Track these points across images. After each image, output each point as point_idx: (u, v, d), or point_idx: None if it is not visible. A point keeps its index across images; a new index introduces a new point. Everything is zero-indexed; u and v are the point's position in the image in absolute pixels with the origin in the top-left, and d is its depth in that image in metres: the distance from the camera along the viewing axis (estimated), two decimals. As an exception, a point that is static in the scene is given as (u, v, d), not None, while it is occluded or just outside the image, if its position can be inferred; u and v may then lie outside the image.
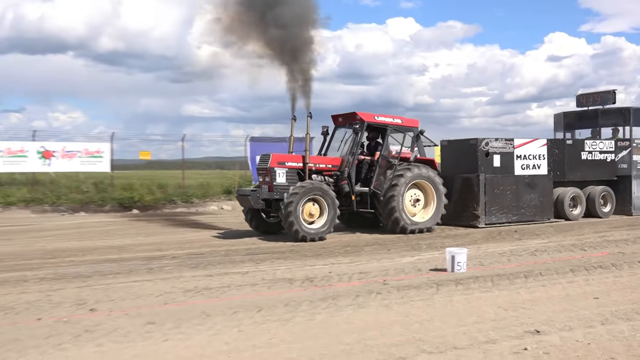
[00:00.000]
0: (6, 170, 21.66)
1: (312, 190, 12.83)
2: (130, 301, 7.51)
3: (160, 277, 9.09)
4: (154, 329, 6.18)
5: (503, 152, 15.70)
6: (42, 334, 6.05)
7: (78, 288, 8.31)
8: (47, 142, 21.93)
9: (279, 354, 5.36)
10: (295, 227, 12.50)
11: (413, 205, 14.09)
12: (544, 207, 16.21)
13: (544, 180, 16.25)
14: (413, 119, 14.92)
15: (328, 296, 7.65)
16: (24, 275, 9.24)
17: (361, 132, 14.00)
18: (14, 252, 11.95)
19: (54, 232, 15.48)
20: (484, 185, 15.02)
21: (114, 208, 21.17)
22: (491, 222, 15.18)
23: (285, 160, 13.70)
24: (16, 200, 20.56)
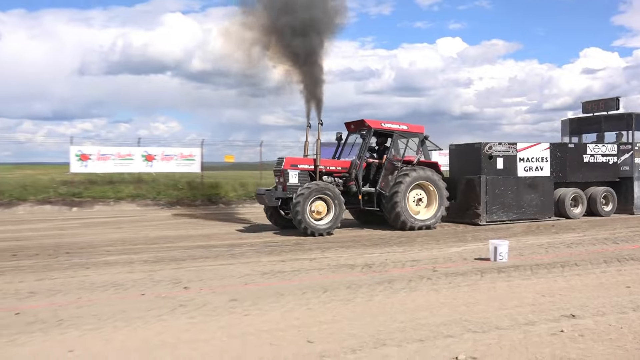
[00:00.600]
0: (117, 170, 22.50)
1: (319, 190, 12.53)
2: (216, 281, 7.68)
3: (242, 261, 9.24)
4: (236, 305, 6.30)
5: (506, 155, 14.96)
6: (145, 307, 6.27)
7: (174, 269, 8.56)
8: (150, 148, 22.66)
9: (342, 329, 5.36)
10: (303, 223, 12.25)
11: (416, 204, 13.61)
12: (545, 206, 15.32)
13: (545, 181, 15.35)
14: (419, 126, 14.38)
15: (384, 280, 7.60)
16: (130, 258, 9.59)
17: (368, 138, 13.65)
18: (123, 238, 12.42)
19: (154, 223, 15.97)
20: (485, 186, 14.35)
21: (203, 203, 21.63)
22: (492, 219, 14.47)
23: (297, 163, 13.43)
24: (125, 196, 21.31)
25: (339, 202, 12.67)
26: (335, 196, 12.66)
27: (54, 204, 19.95)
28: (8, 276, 8.03)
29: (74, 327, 5.49)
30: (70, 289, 7.20)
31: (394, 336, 5.14)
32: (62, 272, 8.32)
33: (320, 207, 12.55)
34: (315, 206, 12.49)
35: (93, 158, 21.39)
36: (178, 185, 22.93)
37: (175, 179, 23.74)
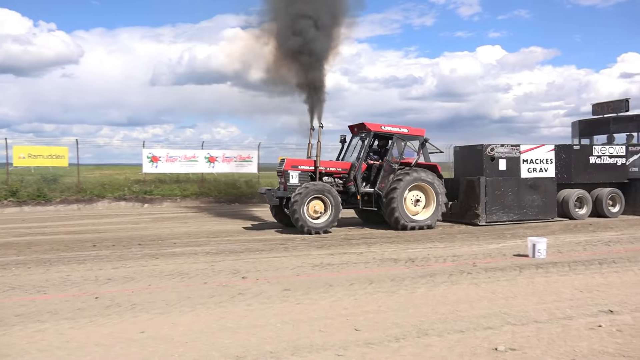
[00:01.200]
0: (183, 171, 23.07)
1: (316, 190, 12.11)
2: (271, 272, 7.76)
3: (294, 254, 9.30)
4: (289, 295, 6.34)
5: (509, 156, 14.12)
6: (207, 294, 6.40)
7: (233, 261, 8.70)
8: (212, 150, 23.13)
9: (386, 319, 5.31)
10: (301, 222, 11.89)
11: (414, 205, 12.94)
12: (547, 207, 14.34)
13: (547, 182, 14.37)
14: (419, 129, 13.70)
15: (426, 274, 7.49)
16: (194, 250, 9.81)
17: (368, 140, 13.18)
18: (188, 232, 12.73)
19: (216, 218, 16.28)
20: (484, 187, 13.54)
21: (260, 200, 21.92)
22: (492, 220, 13.63)
23: (298, 164, 13.05)
24: (190, 194, 21.83)
25: (336, 201, 12.22)
26: (332, 196, 12.23)
27: (128, 200, 20.64)
28: (89, 264, 8.37)
29: (145, 311, 5.66)
30: (142, 276, 7.43)
31: (435, 326, 5.06)
32: (135, 262, 8.60)
33: (317, 206, 12.16)
34: (313, 205, 12.10)
35: (162, 160, 22.02)
36: (237, 184, 23.30)
37: (234, 179, 24.13)
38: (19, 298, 6.25)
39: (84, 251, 9.69)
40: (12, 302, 6.04)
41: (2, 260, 8.73)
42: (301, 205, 11.89)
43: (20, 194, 19.42)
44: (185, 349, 4.47)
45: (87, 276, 7.47)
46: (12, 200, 19.06)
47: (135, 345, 4.57)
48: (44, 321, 5.29)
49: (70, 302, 6.02)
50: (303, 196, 11.93)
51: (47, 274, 7.66)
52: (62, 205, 19.61)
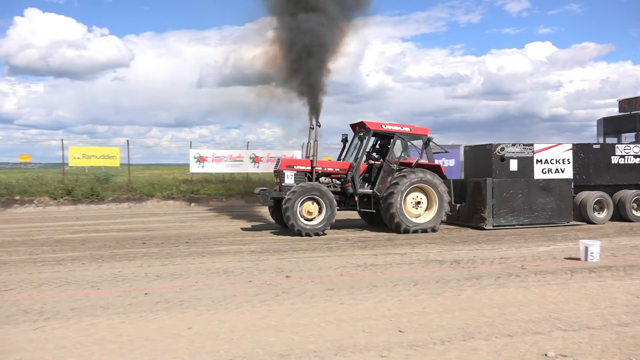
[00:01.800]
0: (229, 171, 23.45)
1: (310, 191, 11.74)
2: (315, 271, 7.79)
3: (337, 254, 9.31)
4: (332, 294, 6.35)
5: (521, 156, 13.34)
6: (252, 292, 6.49)
7: (277, 260, 8.79)
8: (257, 150, 23.40)
9: (431, 321, 5.24)
10: (294, 224, 11.58)
11: (415, 207, 12.39)
12: (562, 210, 13.38)
13: (562, 184, 13.41)
14: (423, 128, 13.17)
15: (473, 276, 7.34)
16: (240, 249, 9.97)
17: (367, 140, 12.78)
18: (234, 230, 12.94)
19: (261, 217, 16.47)
20: (491, 189, 12.78)
21: (303, 200, 21.97)
22: (499, 224, 12.85)
23: (294, 164, 12.76)
24: (235, 193, 22.19)
25: (330, 202, 11.84)
26: (326, 196, 11.85)
27: (176, 199, 21.19)
28: (138, 261, 8.65)
29: (192, 307, 5.80)
30: (189, 274, 7.62)
31: (482, 330, 4.95)
32: (182, 259, 8.82)
33: (311, 207, 11.79)
34: (306, 207, 11.75)
35: (209, 160, 22.46)
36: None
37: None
38: (74, 292, 6.53)
39: (134, 248, 10.02)
40: (67, 297, 6.31)
41: (59, 256, 9.14)
42: (293, 206, 11.56)
43: (75, 192, 20.27)
44: (231, 346, 4.55)
45: (137, 273, 7.71)
46: (67, 198, 19.92)
47: (183, 341, 4.69)
48: (97, 315, 5.51)
49: (122, 298, 6.24)
50: (296, 197, 11.61)
51: (100, 270, 7.97)
52: (113, 204, 20.34)
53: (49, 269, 7.99)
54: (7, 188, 20.16)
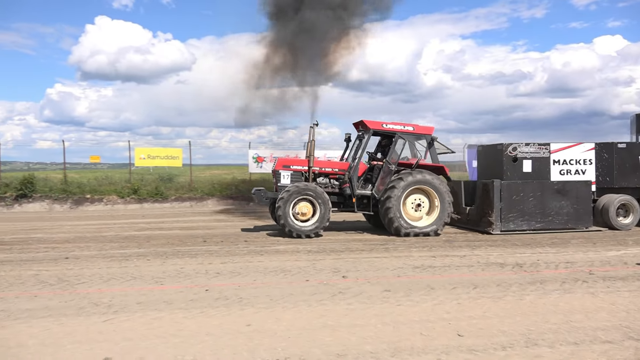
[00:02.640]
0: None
1: (303, 191, 11.43)
2: (372, 272, 7.75)
3: (394, 255, 9.22)
4: (389, 296, 6.30)
5: (536, 157, 12.66)
6: (309, 291, 6.55)
7: (334, 260, 8.81)
8: (313, 150, 23.53)
9: (492, 325, 5.10)
10: (287, 226, 11.35)
11: (415, 209, 11.89)
12: (580, 215, 12.40)
13: (580, 186, 12.45)
14: (427, 127, 12.60)
15: (536, 280, 7.07)
16: (297, 248, 10.08)
17: (366, 139, 12.36)
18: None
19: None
20: (499, 191, 12.01)
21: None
22: (508, 229, 12.07)
23: (290, 164, 12.46)
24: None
25: (324, 202, 11.49)
26: (320, 197, 11.50)
27: (235, 199, 21.69)
28: (200, 258, 8.92)
29: (251, 305, 5.92)
30: (248, 272, 7.78)
31: (546, 337, 4.76)
32: (241, 257, 9.02)
33: (304, 208, 11.48)
34: (300, 208, 11.46)
35: (267, 160, 22.83)
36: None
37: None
38: (139, 287, 6.82)
39: (196, 246, 10.34)
40: (134, 291, 6.60)
41: (125, 252, 9.57)
42: (286, 207, 11.33)
43: (141, 192, 21.18)
44: (288, 344, 4.61)
45: (199, 269, 7.96)
46: (133, 197, 20.83)
47: (242, 337, 4.80)
48: (161, 310, 5.73)
49: (184, 293, 6.45)
50: (288, 197, 11.37)
51: (163, 266, 8.28)
52: (176, 203, 21.09)
53: (116, 264, 8.39)
54: (79, 187, 21.34)
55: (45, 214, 18.68)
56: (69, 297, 6.30)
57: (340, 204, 12.31)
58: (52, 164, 38.16)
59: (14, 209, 19.64)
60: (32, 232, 12.90)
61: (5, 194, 20.14)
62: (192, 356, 4.34)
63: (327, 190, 12.08)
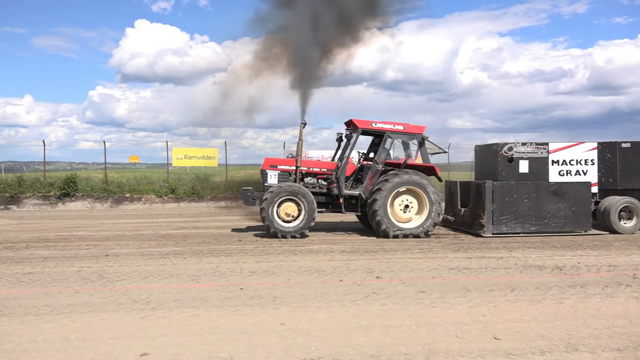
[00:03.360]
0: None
1: (286, 192, 11.32)
2: (406, 273, 7.69)
3: (429, 256, 9.12)
4: (424, 297, 6.23)
5: (533, 157, 12.24)
6: (342, 291, 6.54)
7: (368, 260, 8.78)
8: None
9: (530, 329, 4.98)
10: (271, 227, 11.27)
11: (403, 211, 11.61)
12: (578, 218, 11.87)
13: (579, 188, 11.92)
14: (418, 126, 12.26)
15: (576, 284, 6.87)
16: (331, 248, 10.08)
17: (354, 139, 12.10)
18: (325, 230, 13.09)
19: (351, 217, 16.49)
20: (491, 193, 11.61)
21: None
22: (501, 231, 11.67)
23: (277, 163, 12.36)
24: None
25: (308, 202, 11.33)
26: (303, 196, 11.34)
27: (270, 198, 21.81)
28: (235, 257, 9.03)
29: (285, 304, 5.95)
30: (282, 271, 7.83)
31: (587, 342, 4.62)
32: (275, 257, 9.08)
33: (289, 208, 11.37)
34: (284, 208, 11.35)
35: (301, 159, 22.88)
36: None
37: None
38: (176, 285, 6.95)
39: (231, 245, 10.47)
40: (171, 288, 6.73)
41: (163, 250, 9.78)
42: (270, 207, 11.25)
43: (178, 191, 21.59)
44: (322, 344, 4.62)
45: (234, 268, 8.05)
46: (171, 196, 21.26)
47: (276, 336, 4.83)
48: (197, 307, 5.82)
49: (219, 292, 6.54)
50: (272, 198, 11.27)
51: (199, 264, 8.42)
52: (212, 202, 21.41)
53: (154, 262, 8.57)
54: (119, 186, 21.91)
55: (87, 212, 19.27)
56: (109, 293, 6.48)
57: (328, 204, 12.18)
58: (93, 164, 39.34)
59: (57, 208, 20.33)
60: (74, 229, 13.33)
61: (50, 193, 20.87)
62: (227, 354, 4.40)
63: (315, 191, 12.01)
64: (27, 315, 5.53)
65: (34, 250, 9.85)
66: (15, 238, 11.68)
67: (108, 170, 24.65)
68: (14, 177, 22.17)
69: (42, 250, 9.83)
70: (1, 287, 6.86)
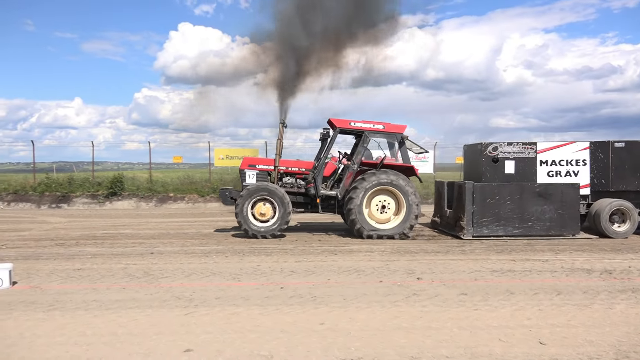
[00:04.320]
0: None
1: (258, 192, 11.25)
2: (447, 274, 7.58)
3: (471, 258, 8.96)
4: (465, 299, 6.13)
5: (519, 157, 11.76)
6: (382, 292, 6.50)
7: (408, 261, 8.70)
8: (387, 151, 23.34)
9: (577, 335, 4.82)
10: (244, 226, 11.21)
11: (380, 211, 11.42)
12: (565, 221, 11.30)
13: (566, 190, 11.35)
14: (399, 125, 11.99)
15: (627, 289, 6.61)
16: (370, 248, 10.04)
17: (332, 138, 11.95)
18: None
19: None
20: (471, 194, 11.21)
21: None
22: (482, 234, 11.26)
23: (256, 163, 12.32)
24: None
25: (281, 201, 11.24)
26: (275, 195, 11.26)
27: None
28: (275, 256, 9.11)
29: (324, 303, 5.97)
30: (321, 271, 7.85)
31: (638, 350, 4.43)
32: (315, 257, 9.11)
33: (263, 208, 11.29)
34: (258, 208, 11.29)
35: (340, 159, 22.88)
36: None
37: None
38: (218, 283, 7.08)
39: (271, 244, 10.57)
40: (213, 286, 6.86)
41: (205, 249, 9.97)
42: (243, 209, 11.20)
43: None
44: (362, 344, 4.61)
45: (274, 267, 8.13)
46: (213, 196, 21.63)
47: (316, 336, 4.85)
48: (239, 305, 5.91)
49: (260, 290, 6.62)
50: (244, 199, 11.23)
51: (240, 263, 8.54)
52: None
53: (197, 260, 8.76)
54: (163, 186, 22.47)
55: (133, 211, 19.85)
56: (154, 290, 6.66)
57: (307, 204, 12.10)
58: (138, 164, 40.50)
59: (105, 206, 21.03)
60: (121, 228, 13.76)
61: (98, 192, 21.62)
62: (268, 352, 4.44)
63: (293, 191, 11.97)
64: (77, 309, 5.75)
65: (83, 247, 10.23)
66: (66, 235, 12.15)
67: (153, 170, 25.30)
68: (64, 177, 23.07)
69: (91, 248, 10.20)
70: (54, 282, 7.16)
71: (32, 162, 23.98)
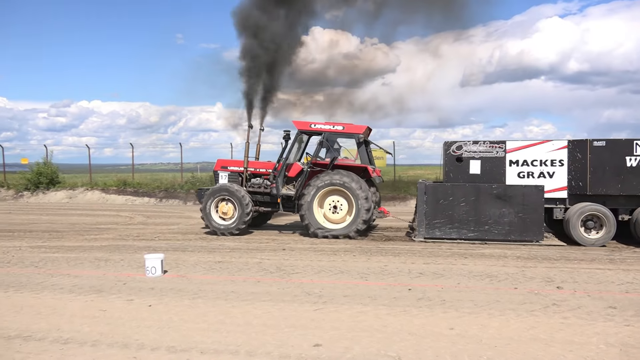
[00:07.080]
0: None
1: (218, 192, 11.94)
2: (592, 285, 6.94)
3: (622, 268, 8.10)
4: (614, 313, 5.57)
5: (486, 157, 10.88)
6: (517, 300, 6.15)
7: (547, 268, 8.12)
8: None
9: None
10: (206, 221, 12.09)
11: (332, 212, 11.59)
12: (527, 226, 10.43)
13: (528, 192, 10.39)
14: (358, 126, 12.08)
15: None
16: (504, 253, 9.54)
17: (293, 139, 12.33)
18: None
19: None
20: (423, 194, 10.73)
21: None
22: (434, 236, 10.79)
23: (228, 165, 12.95)
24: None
25: (239, 201, 11.75)
26: (234, 195, 11.81)
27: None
28: (403, 257, 9.05)
29: (454, 308, 5.79)
30: (451, 274, 7.63)
31: None
32: (444, 259, 8.88)
33: (225, 207, 11.92)
34: (221, 207, 11.95)
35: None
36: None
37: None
38: (346, 281, 7.21)
39: (399, 245, 10.52)
40: (341, 284, 7.01)
41: (334, 247, 10.21)
42: (206, 208, 11.99)
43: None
44: (494, 353, 4.39)
45: (402, 268, 8.08)
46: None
47: (445, 340, 4.73)
48: (366, 304, 5.97)
49: (387, 291, 6.62)
50: (207, 199, 12.01)
51: (368, 262, 8.61)
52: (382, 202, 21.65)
53: (326, 258, 9.00)
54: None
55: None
56: (286, 284, 6.98)
57: (275, 204, 12.37)
58: (272, 163, 42.47)
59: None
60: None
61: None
62: (395, 353, 4.43)
63: (261, 191, 12.45)
64: (217, 299, 6.23)
65: (223, 242, 11.04)
66: (208, 230, 13.20)
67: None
68: (207, 176, 25.07)
69: (230, 242, 10.98)
70: (198, 272, 7.84)
71: (180, 163, 26.45)
